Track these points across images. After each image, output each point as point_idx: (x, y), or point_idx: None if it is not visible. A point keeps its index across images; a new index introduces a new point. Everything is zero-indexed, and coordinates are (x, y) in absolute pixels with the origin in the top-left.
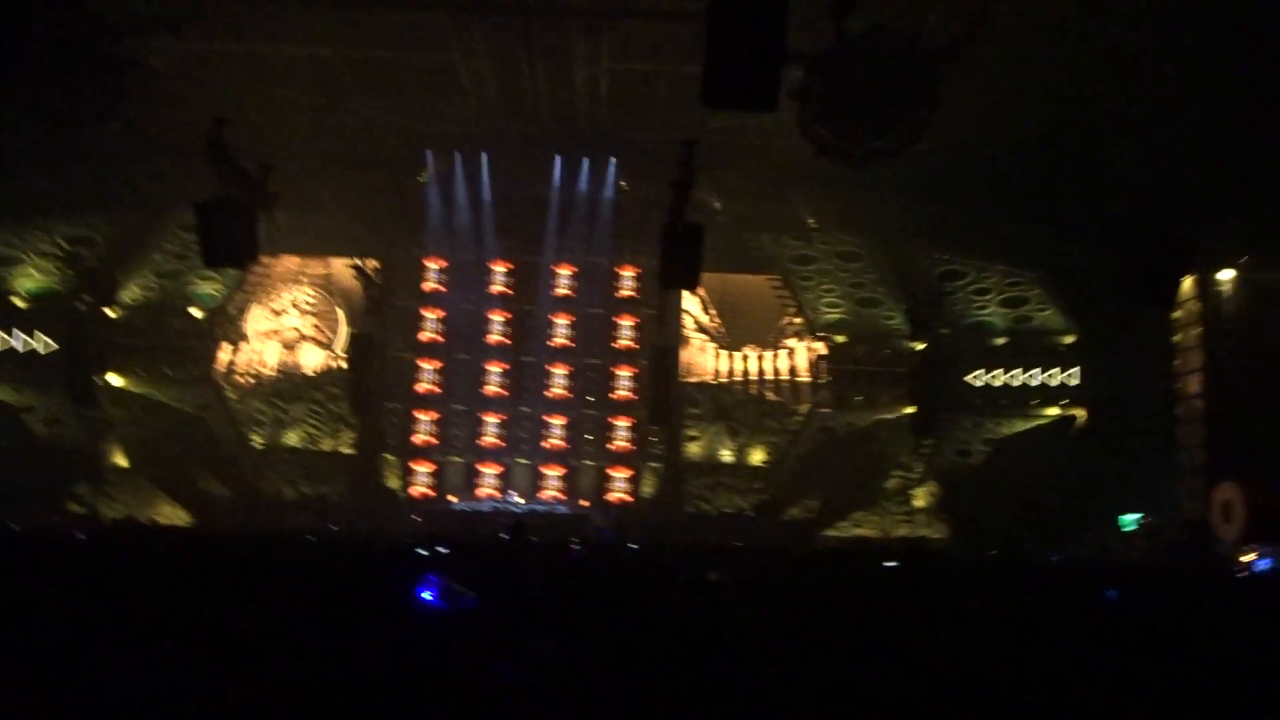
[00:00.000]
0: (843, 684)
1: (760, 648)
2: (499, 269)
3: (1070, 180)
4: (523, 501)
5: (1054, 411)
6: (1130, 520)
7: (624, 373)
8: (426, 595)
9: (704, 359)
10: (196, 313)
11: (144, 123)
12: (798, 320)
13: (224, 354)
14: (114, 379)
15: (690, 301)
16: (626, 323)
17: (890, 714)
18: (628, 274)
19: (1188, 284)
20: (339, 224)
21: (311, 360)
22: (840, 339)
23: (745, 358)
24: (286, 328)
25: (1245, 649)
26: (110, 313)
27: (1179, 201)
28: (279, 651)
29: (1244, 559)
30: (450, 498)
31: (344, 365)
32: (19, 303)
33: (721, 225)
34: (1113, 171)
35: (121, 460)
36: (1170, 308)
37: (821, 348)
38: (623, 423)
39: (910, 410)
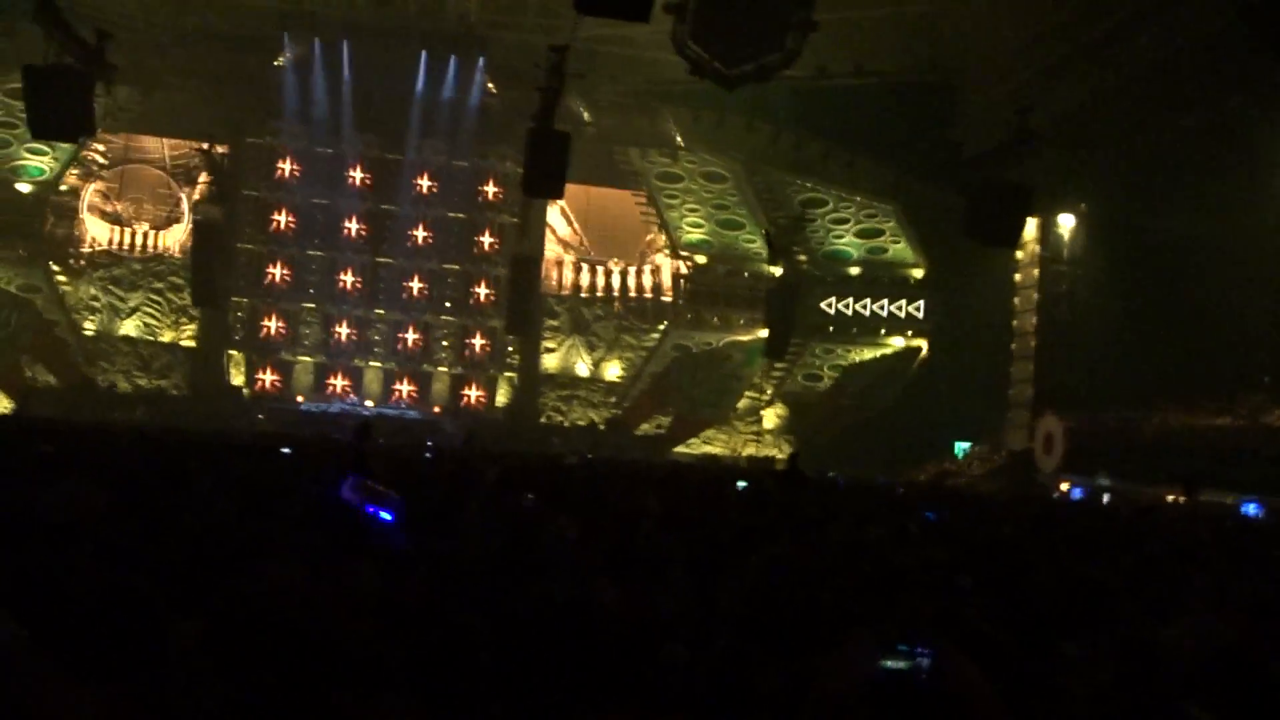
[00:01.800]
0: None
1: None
2: (357, 165)
3: (925, 118)
4: (373, 405)
5: (899, 342)
6: (963, 448)
7: (483, 280)
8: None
9: (565, 271)
10: (23, 187)
11: None
12: (660, 238)
13: (54, 234)
14: None
15: (554, 212)
16: (488, 229)
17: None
18: (491, 179)
19: (1031, 226)
20: (186, 103)
21: (152, 246)
22: (701, 259)
23: (607, 272)
24: (125, 210)
25: (1053, 570)
26: None
27: (1025, 145)
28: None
29: (1061, 487)
30: (298, 398)
31: (187, 254)
32: None
33: (589, 137)
34: (964, 113)
35: None
36: (1013, 248)
37: (682, 267)
38: (479, 330)
39: (764, 333)
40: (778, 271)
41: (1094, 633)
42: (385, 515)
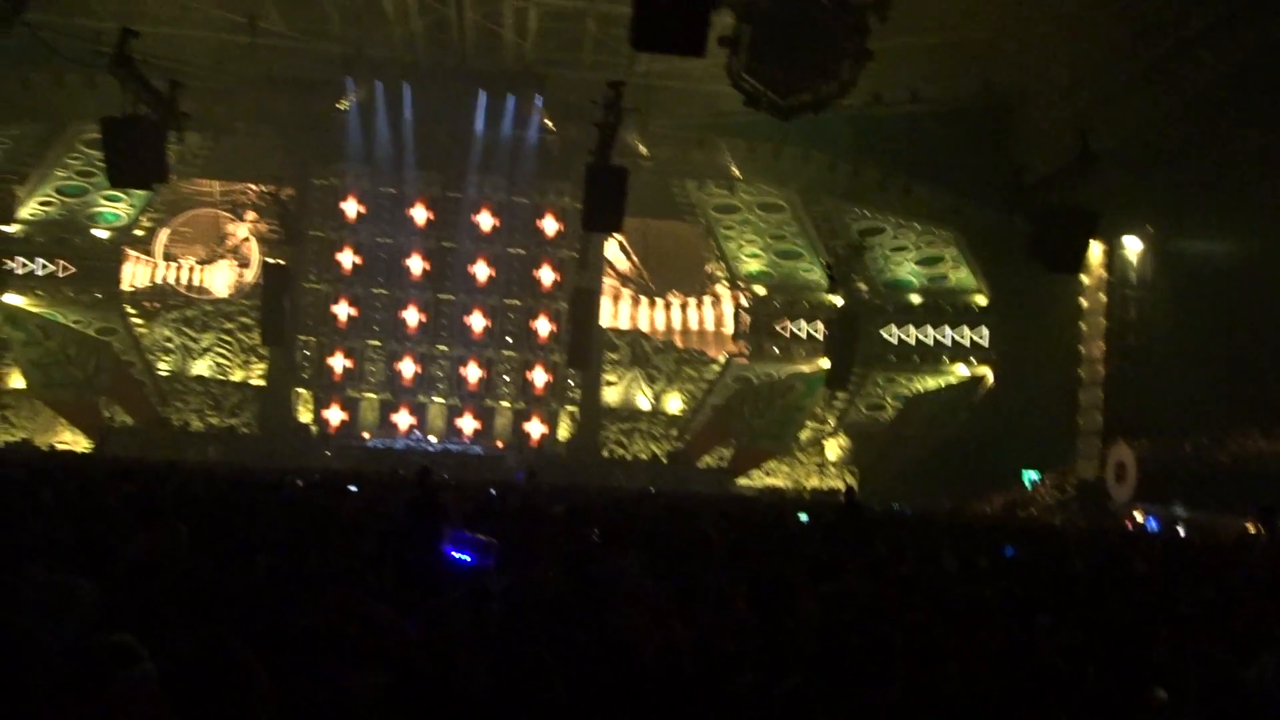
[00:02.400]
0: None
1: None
2: (419, 203)
3: (983, 143)
4: (436, 440)
5: (964, 370)
6: (1031, 477)
7: (544, 315)
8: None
9: (624, 304)
10: (100, 233)
11: (46, 30)
12: (718, 270)
13: (130, 278)
14: (12, 298)
15: (612, 246)
16: (548, 264)
17: (780, 662)
18: (550, 215)
19: (1096, 250)
20: (254, 148)
21: (223, 289)
22: (760, 290)
23: (666, 305)
24: (197, 254)
25: (1132, 606)
26: (8, 229)
27: (1089, 169)
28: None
29: (1135, 517)
30: (364, 434)
31: (257, 295)
32: None
33: (646, 170)
34: (1024, 136)
35: (19, 382)
36: (1077, 273)
37: (741, 298)
38: (541, 365)
39: (825, 364)
40: (838, 301)
41: (1174, 671)
42: (482, 561)
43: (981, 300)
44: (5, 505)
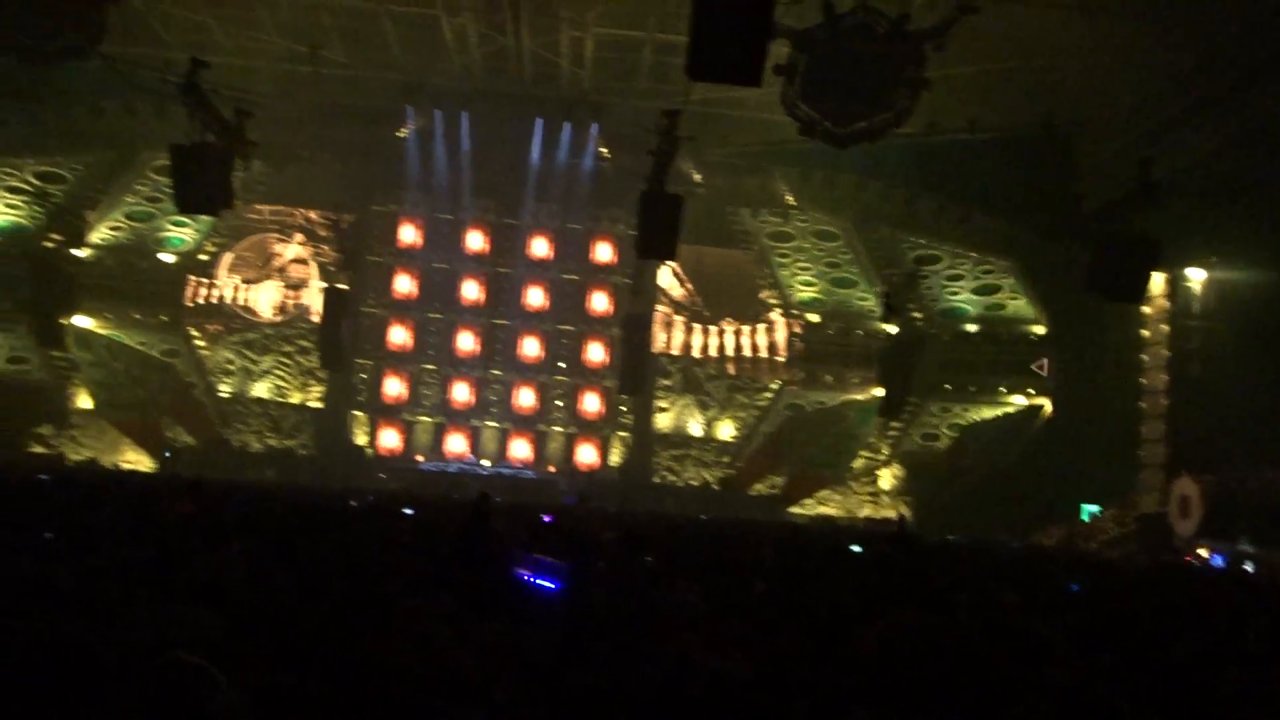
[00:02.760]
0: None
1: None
2: (475, 230)
3: (1042, 171)
4: (489, 464)
5: (1021, 400)
6: (1091, 511)
7: (597, 340)
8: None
9: (677, 331)
10: (167, 257)
11: (120, 61)
12: (771, 297)
13: (194, 301)
14: (81, 320)
15: (666, 272)
16: (601, 290)
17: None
18: (604, 241)
19: (1158, 280)
20: (315, 175)
21: (283, 312)
22: (813, 318)
23: (719, 331)
24: (258, 278)
25: (1198, 644)
26: (79, 253)
27: (1151, 198)
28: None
29: (1200, 553)
30: (418, 457)
31: (315, 319)
32: None
33: (700, 197)
34: (1084, 165)
35: (86, 403)
36: (1139, 303)
37: (794, 325)
38: (593, 390)
39: (879, 392)
40: (891, 329)
41: (1241, 712)
42: (551, 585)
43: (1039, 330)
44: (74, 525)
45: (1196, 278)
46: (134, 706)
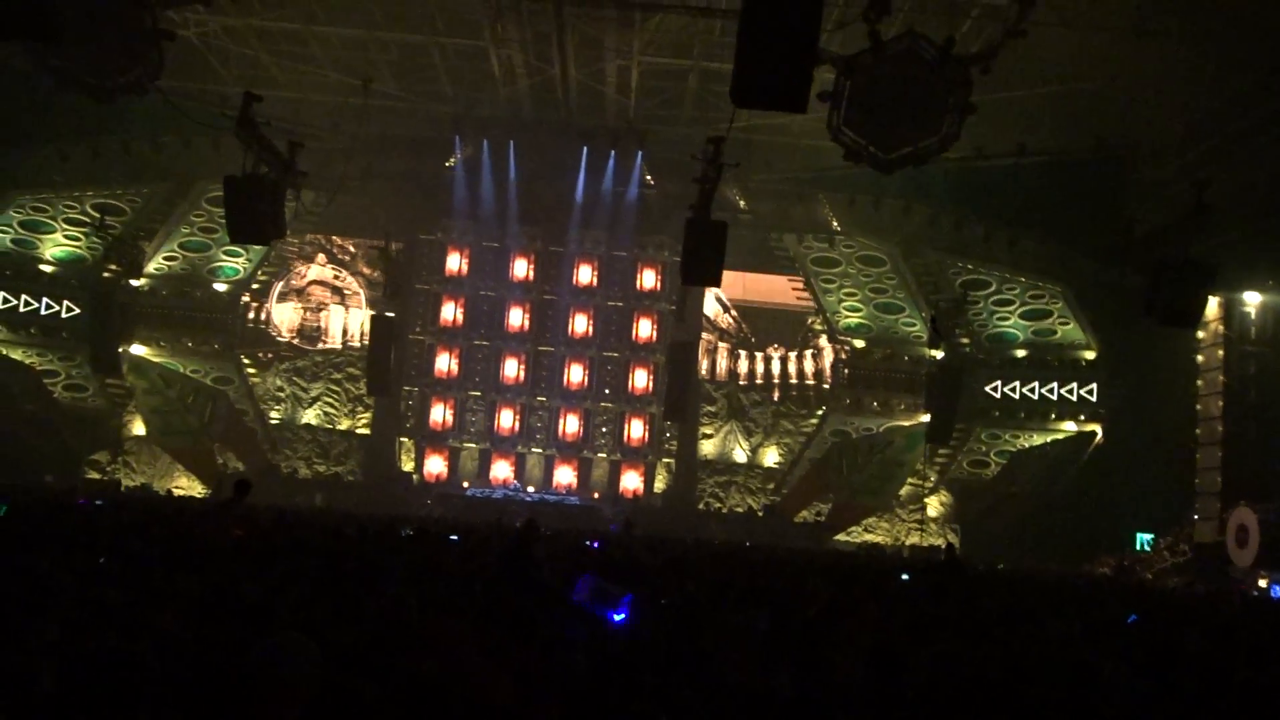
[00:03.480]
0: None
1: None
2: (521, 257)
3: (1092, 195)
4: (534, 490)
5: (1072, 427)
6: (1145, 540)
7: (641, 367)
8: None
9: (721, 357)
10: (220, 286)
11: (177, 95)
12: (817, 323)
13: (246, 329)
14: (136, 348)
15: (711, 299)
16: (646, 318)
17: None
18: (649, 269)
19: (1212, 305)
20: (364, 205)
21: (332, 340)
22: (859, 343)
23: (766, 358)
24: (308, 306)
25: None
26: (136, 282)
27: (1205, 221)
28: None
29: (1259, 584)
30: (464, 483)
31: (364, 347)
32: (47, 269)
33: (745, 224)
34: (1136, 189)
35: (141, 429)
36: (1194, 328)
37: (840, 351)
38: (638, 417)
39: (926, 418)
40: (938, 355)
41: None
42: (616, 614)
43: (1090, 355)
44: (127, 550)
45: (1252, 301)
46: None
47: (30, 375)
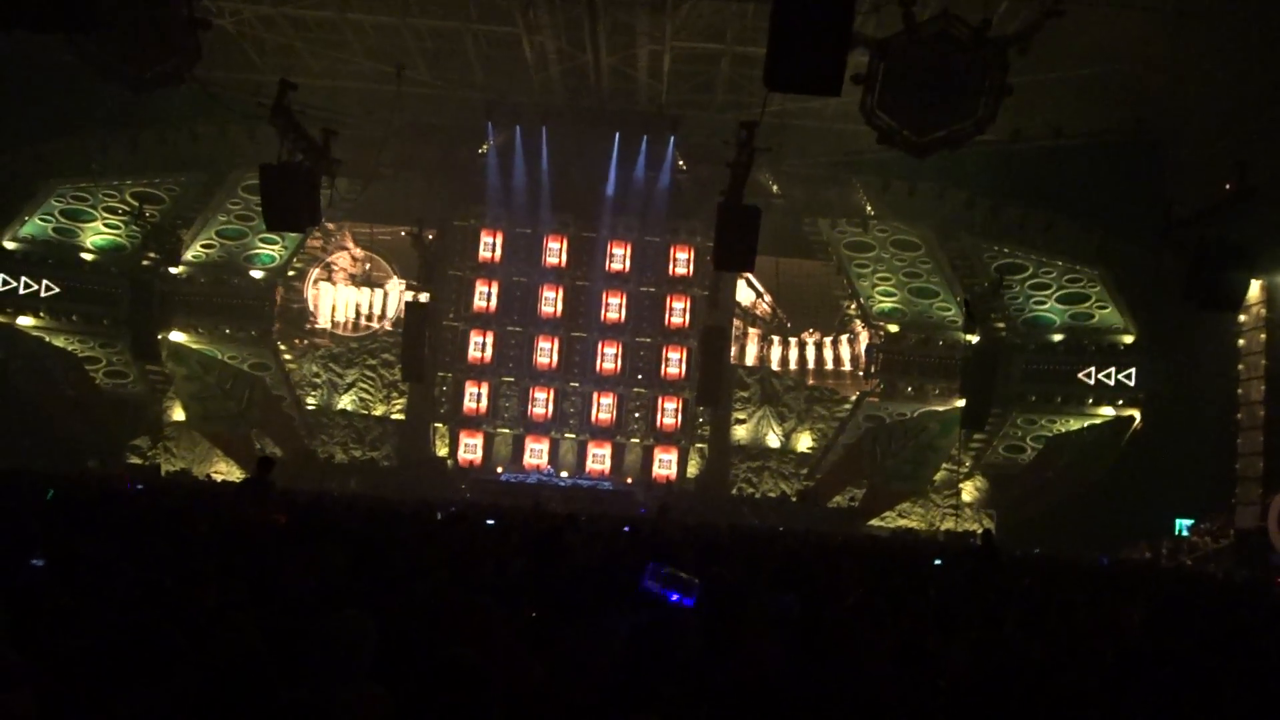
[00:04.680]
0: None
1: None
2: (554, 243)
3: (1130, 178)
4: (567, 476)
5: (1109, 411)
6: (1185, 526)
7: (674, 352)
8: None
9: (753, 342)
10: (256, 273)
11: (212, 85)
12: (851, 308)
13: (283, 315)
14: (175, 335)
15: (743, 284)
16: (679, 302)
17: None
18: (681, 254)
19: (1254, 288)
20: (399, 192)
21: (367, 326)
22: (893, 328)
23: (800, 343)
24: (343, 292)
25: None
26: (174, 270)
27: (1247, 204)
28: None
29: None
30: (498, 469)
31: (399, 333)
32: (88, 257)
33: (778, 209)
34: (1174, 171)
35: (180, 415)
36: (1235, 311)
37: (874, 336)
38: (671, 402)
39: (960, 403)
40: (973, 339)
41: None
42: (684, 600)
43: (1128, 339)
44: (173, 534)
45: None
46: None
47: (72, 361)
